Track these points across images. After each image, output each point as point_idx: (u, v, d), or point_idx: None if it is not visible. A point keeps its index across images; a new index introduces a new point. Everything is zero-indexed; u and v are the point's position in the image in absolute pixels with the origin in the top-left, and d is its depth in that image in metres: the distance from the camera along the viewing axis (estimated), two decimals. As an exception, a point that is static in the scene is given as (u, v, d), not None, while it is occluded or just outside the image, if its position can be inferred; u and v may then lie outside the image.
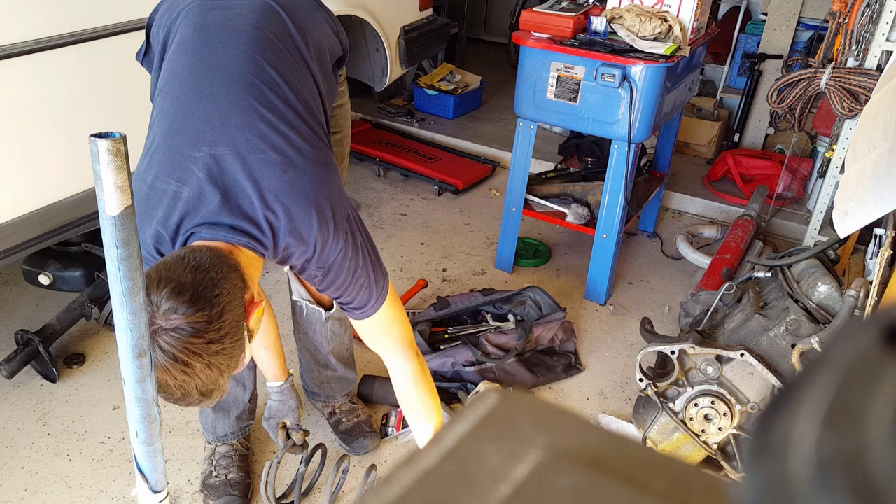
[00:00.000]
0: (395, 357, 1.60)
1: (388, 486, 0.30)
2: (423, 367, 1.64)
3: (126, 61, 2.09)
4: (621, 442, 0.32)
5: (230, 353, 1.18)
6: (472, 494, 0.30)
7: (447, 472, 0.31)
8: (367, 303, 1.47)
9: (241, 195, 1.29)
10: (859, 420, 0.18)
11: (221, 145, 1.30)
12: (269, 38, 1.45)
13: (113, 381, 2.34)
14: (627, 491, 0.30)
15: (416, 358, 1.62)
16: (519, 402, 0.36)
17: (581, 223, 2.90)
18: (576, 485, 0.31)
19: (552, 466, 0.31)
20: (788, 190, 3.59)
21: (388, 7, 3.23)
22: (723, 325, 2.11)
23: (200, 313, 1.12)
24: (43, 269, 2.39)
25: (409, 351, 1.60)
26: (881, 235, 2.13)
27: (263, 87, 1.38)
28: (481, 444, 0.33)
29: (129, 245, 1.01)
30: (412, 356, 1.61)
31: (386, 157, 3.92)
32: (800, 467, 0.18)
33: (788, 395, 0.20)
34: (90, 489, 1.98)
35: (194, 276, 1.14)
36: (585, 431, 0.33)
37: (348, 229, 1.38)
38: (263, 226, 1.29)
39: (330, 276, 1.40)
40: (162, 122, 1.37)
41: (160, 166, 1.32)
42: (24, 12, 1.92)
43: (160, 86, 1.45)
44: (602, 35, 2.54)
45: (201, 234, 1.28)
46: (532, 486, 0.30)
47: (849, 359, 0.19)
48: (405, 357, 1.60)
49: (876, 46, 2.57)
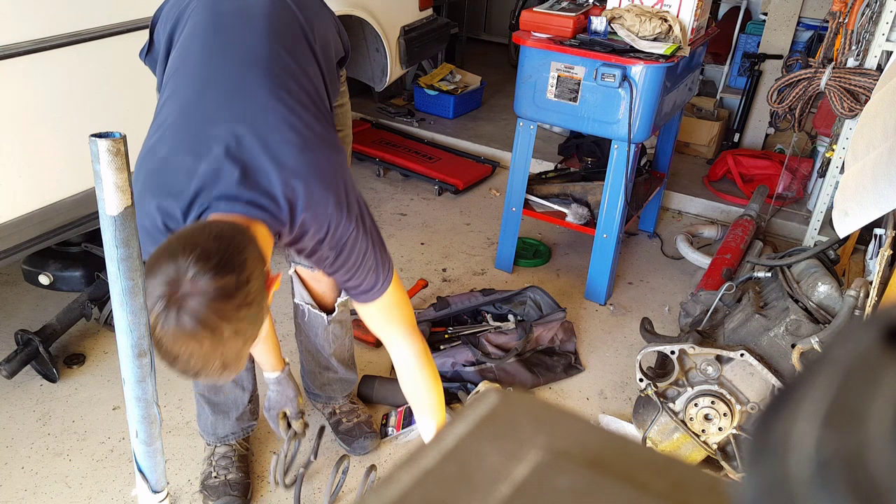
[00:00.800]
0: (399, 340, 1.61)
1: (388, 486, 0.30)
2: (427, 351, 1.64)
3: (126, 61, 2.10)
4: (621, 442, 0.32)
5: (256, 321, 1.17)
6: (473, 494, 0.30)
7: (447, 472, 0.31)
8: (373, 286, 1.49)
9: (259, 171, 1.29)
10: (859, 420, 0.18)
11: (241, 123, 1.31)
12: (282, 27, 1.49)
13: (113, 381, 2.34)
14: (627, 491, 0.30)
15: (420, 341, 1.63)
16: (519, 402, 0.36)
17: (581, 223, 2.90)
18: (576, 485, 0.31)
19: (552, 466, 0.31)
20: (788, 190, 3.59)
21: (388, 7, 3.23)
22: (723, 325, 2.11)
23: (229, 277, 1.10)
24: (43, 269, 2.39)
25: (414, 333, 1.62)
26: (881, 235, 2.13)
27: (281, 71, 1.41)
28: (481, 444, 0.33)
29: (129, 245, 1.01)
30: (416, 338, 1.62)
31: (386, 157, 3.92)
32: (800, 467, 0.18)
33: (788, 396, 0.20)
34: (90, 489, 1.98)
35: (219, 243, 1.13)
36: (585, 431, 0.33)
37: (358, 212, 1.41)
38: (281, 202, 1.30)
39: (341, 258, 1.41)
40: (175, 101, 1.38)
41: (175, 141, 1.32)
42: (24, 12, 1.92)
43: (171, 69, 1.47)
44: (602, 35, 2.54)
45: (219, 206, 1.28)
46: (532, 486, 0.30)
47: (849, 359, 0.19)
48: (409, 339, 1.61)
49: (876, 46, 2.57)
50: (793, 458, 0.18)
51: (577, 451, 0.32)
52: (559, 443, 0.33)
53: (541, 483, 0.30)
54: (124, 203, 0.98)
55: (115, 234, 0.99)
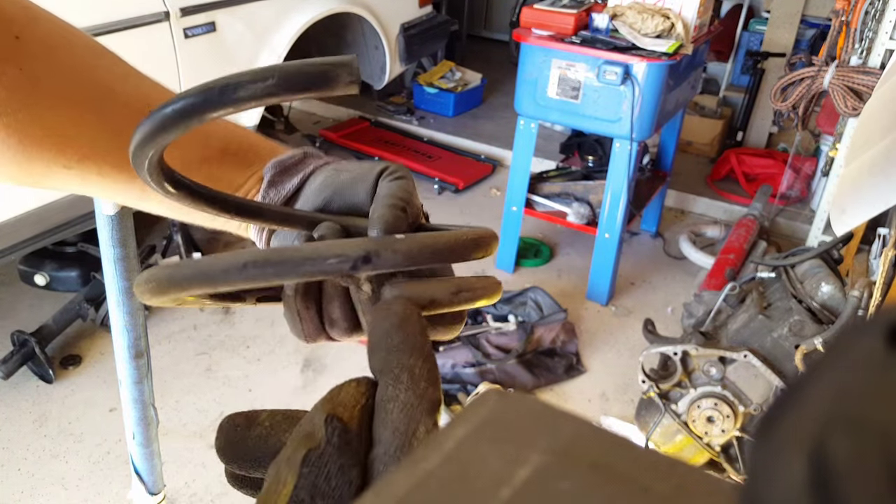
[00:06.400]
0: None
1: (387, 489, 0.28)
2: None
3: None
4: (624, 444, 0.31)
5: None
6: (473, 497, 0.28)
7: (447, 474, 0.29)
8: None
9: None
10: (863, 422, 0.16)
11: None
12: None
13: (109, 383, 2.33)
14: (630, 494, 0.28)
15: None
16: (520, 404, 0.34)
17: (583, 223, 2.88)
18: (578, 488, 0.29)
19: (554, 469, 0.29)
20: (792, 189, 3.57)
21: (387, 4, 3.22)
22: (726, 326, 2.09)
23: None
24: (39, 269, 2.38)
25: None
26: (885, 235, 2.11)
27: None
28: (481, 446, 0.31)
29: (125, 245, 1.00)
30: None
31: (385, 155, 3.90)
32: (802, 471, 0.17)
33: (791, 397, 0.19)
34: (87, 491, 1.96)
35: None
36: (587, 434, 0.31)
37: None
38: None
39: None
40: None
41: None
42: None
43: None
44: (604, 32, 2.52)
45: None
46: (533, 489, 0.28)
47: (852, 360, 0.18)
48: None
49: (879, 45, 2.55)
50: (795, 462, 0.17)
51: (578, 454, 0.30)
52: (561, 445, 0.31)
53: (542, 486, 0.29)
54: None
55: (111, 233, 0.98)
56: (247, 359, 2.50)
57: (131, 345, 1.07)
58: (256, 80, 0.33)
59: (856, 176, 1.75)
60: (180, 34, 2.34)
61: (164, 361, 2.42)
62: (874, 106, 1.85)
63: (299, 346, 2.53)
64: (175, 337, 2.57)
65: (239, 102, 0.33)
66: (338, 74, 0.34)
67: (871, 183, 1.65)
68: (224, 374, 2.41)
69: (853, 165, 1.82)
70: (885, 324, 0.18)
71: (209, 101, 0.34)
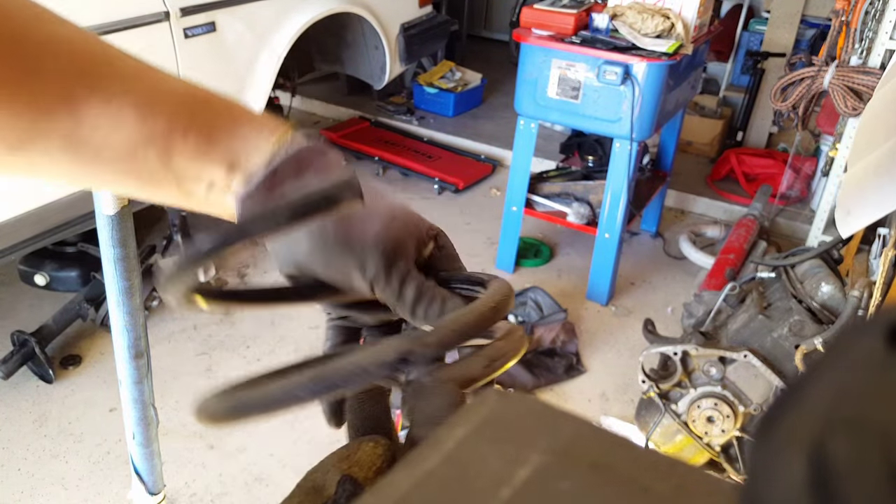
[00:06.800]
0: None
1: (387, 489, 0.28)
2: None
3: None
4: (624, 444, 0.31)
5: None
6: (473, 497, 0.28)
7: (447, 474, 0.29)
8: None
9: None
10: (863, 422, 0.17)
11: None
12: None
13: (109, 383, 2.33)
14: (630, 494, 0.29)
15: None
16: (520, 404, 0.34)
17: (583, 223, 2.88)
18: (578, 488, 0.29)
19: (554, 469, 0.30)
20: (792, 189, 3.57)
21: (387, 4, 3.22)
22: (726, 325, 2.09)
23: None
24: (39, 269, 2.38)
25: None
26: (885, 235, 2.11)
27: None
28: (481, 446, 0.31)
29: (125, 245, 1.00)
30: None
31: (385, 155, 3.90)
32: (802, 472, 0.17)
33: (791, 397, 0.19)
34: (87, 491, 1.96)
35: None
36: (587, 434, 0.32)
37: None
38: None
39: None
40: None
41: None
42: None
43: None
44: (604, 32, 2.52)
45: None
46: (533, 489, 0.29)
47: (852, 360, 0.18)
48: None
49: (879, 45, 2.56)
50: (795, 462, 0.17)
51: (578, 454, 0.31)
52: (561, 445, 0.31)
53: (542, 486, 0.29)
54: (121, 203, 0.96)
55: (111, 233, 0.98)
56: (247, 359, 2.50)
57: (131, 345, 1.07)
58: (267, 217, 0.40)
59: (860, 178, 1.75)
60: (180, 34, 2.34)
61: (165, 361, 2.41)
62: (876, 107, 1.85)
63: (299, 347, 2.53)
64: (175, 337, 2.57)
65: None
66: (342, 196, 0.39)
67: (876, 185, 1.65)
68: (224, 374, 2.41)
69: (857, 167, 1.82)
70: (885, 324, 0.18)
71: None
